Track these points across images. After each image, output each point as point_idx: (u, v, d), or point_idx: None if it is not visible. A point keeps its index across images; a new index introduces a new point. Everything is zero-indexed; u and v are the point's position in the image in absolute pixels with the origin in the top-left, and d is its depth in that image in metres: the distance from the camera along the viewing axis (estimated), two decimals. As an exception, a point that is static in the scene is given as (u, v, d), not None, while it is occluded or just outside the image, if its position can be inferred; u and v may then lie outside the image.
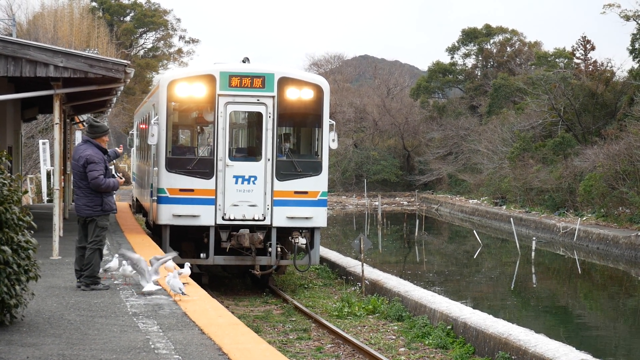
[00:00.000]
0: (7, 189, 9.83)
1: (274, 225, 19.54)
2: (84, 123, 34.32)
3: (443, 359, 14.84)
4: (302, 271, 21.84)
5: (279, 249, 19.78)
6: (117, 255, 13.56)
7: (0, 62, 16.27)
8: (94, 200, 12.68)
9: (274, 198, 19.57)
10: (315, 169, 20.04)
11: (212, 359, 8.61)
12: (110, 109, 33.07)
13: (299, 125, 21.62)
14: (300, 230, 19.88)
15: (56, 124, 17.38)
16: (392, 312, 18.30)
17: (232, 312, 14.79)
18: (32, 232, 10.40)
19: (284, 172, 19.76)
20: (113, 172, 13.37)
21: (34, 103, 27.91)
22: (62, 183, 24.74)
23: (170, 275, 12.24)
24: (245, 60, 20.65)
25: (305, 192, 19.83)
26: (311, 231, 20.10)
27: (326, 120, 20.07)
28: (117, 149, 13.96)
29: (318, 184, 19.99)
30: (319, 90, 20.08)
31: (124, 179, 13.93)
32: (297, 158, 20.29)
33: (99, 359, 8.48)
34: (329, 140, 19.99)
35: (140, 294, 12.44)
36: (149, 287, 12.39)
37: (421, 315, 17.41)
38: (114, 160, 13.69)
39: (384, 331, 17.14)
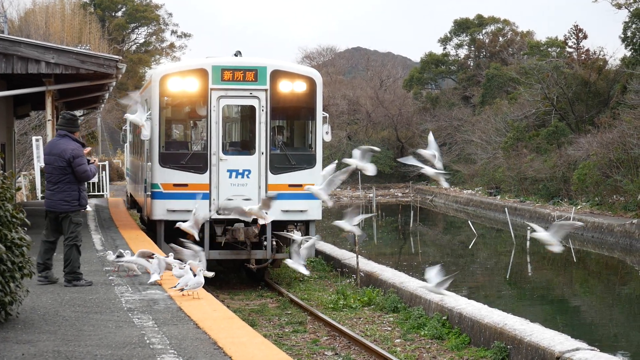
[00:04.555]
0: (-1, 186, 9.82)
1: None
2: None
3: (439, 350, 14.86)
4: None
5: (274, 243, 19.78)
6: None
7: (-9, 59, 16.26)
8: (72, 194, 12.63)
9: (269, 191, 19.56)
10: (309, 162, 20.03)
11: (207, 354, 8.60)
12: (102, 105, 33.03)
13: (292, 118, 21.60)
14: (295, 223, 19.88)
15: (49, 120, 17.39)
16: (388, 303, 18.32)
17: (228, 306, 14.79)
18: (25, 229, 10.40)
19: (277, 165, 19.75)
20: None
21: (26, 100, 27.87)
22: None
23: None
24: (238, 53, 20.62)
25: (300, 185, 19.82)
26: (306, 224, 20.10)
27: (319, 113, 20.06)
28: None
29: (312, 176, 19.95)
30: (311, 82, 20.06)
31: (97, 160, 13.87)
32: (290, 151, 20.28)
33: (94, 354, 8.48)
34: (322, 132, 19.98)
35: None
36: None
37: (416, 306, 17.42)
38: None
39: (379, 323, 17.16)
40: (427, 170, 9.82)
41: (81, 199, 12.75)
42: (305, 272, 11.40)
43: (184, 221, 13.31)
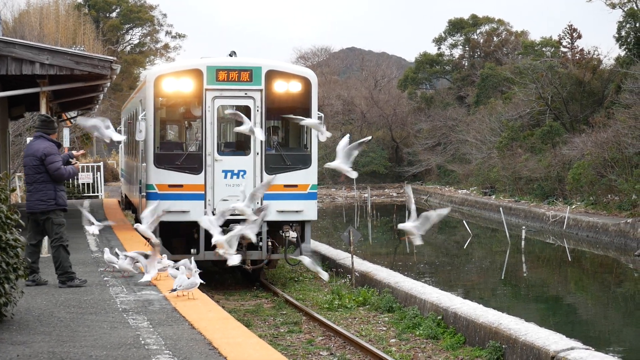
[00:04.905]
0: (-6, 187, 9.81)
1: (264, 219, 19.47)
2: (71, 120, 34.22)
3: (434, 349, 14.87)
4: (293, 265, 21.85)
5: (269, 243, 19.76)
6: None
7: (-15, 61, 16.24)
8: (47, 194, 12.63)
9: (264, 192, 19.53)
10: (305, 162, 20.02)
11: (202, 354, 8.60)
12: (97, 106, 32.99)
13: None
14: (290, 223, 19.87)
15: (43, 121, 17.32)
16: (383, 303, 18.32)
17: (223, 307, 14.79)
18: (20, 230, 10.39)
19: (273, 165, 19.72)
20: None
21: (20, 101, 27.83)
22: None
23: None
24: (232, 53, 20.60)
25: (295, 186, 19.81)
26: (302, 224, 20.09)
27: (315, 113, 20.03)
28: (73, 152, 13.79)
29: (308, 177, 19.97)
30: (306, 82, 20.05)
31: (78, 163, 13.82)
32: (286, 151, 20.25)
33: (89, 355, 8.48)
34: (317, 133, 19.94)
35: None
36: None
37: (412, 306, 17.44)
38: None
39: (374, 323, 17.16)
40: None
41: (57, 198, 12.72)
42: (236, 261, 11.34)
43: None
